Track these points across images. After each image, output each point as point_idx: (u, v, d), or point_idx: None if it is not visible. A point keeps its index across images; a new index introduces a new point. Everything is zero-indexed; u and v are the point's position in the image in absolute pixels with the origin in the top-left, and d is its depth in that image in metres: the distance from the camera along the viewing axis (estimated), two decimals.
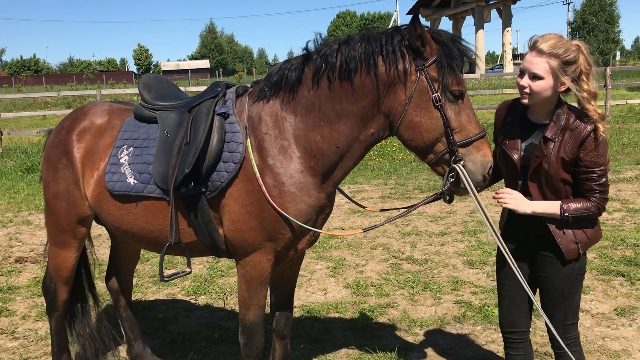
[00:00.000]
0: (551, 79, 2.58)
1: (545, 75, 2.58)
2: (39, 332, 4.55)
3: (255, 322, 2.98)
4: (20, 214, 8.68)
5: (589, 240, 2.75)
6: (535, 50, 2.60)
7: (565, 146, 2.63)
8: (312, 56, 2.75)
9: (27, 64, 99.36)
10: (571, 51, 2.56)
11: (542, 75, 2.58)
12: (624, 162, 10.77)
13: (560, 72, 2.56)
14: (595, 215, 2.71)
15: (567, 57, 2.55)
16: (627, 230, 6.61)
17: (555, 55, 2.55)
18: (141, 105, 3.20)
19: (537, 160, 2.68)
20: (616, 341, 4.05)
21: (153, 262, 6.17)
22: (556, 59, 2.55)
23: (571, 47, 2.57)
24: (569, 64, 2.56)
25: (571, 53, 2.56)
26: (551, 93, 2.62)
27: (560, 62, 2.55)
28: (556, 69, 2.56)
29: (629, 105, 18.64)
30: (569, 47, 2.56)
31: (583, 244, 2.72)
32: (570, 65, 2.56)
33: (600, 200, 2.68)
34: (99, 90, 16.03)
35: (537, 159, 2.68)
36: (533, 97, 2.65)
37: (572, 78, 2.58)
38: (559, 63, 2.55)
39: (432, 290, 5.09)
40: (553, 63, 2.56)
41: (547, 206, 2.68)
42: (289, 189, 2.73)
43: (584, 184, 2.67)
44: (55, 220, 3.39)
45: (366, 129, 2.70)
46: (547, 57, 2.56)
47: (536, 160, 2.69)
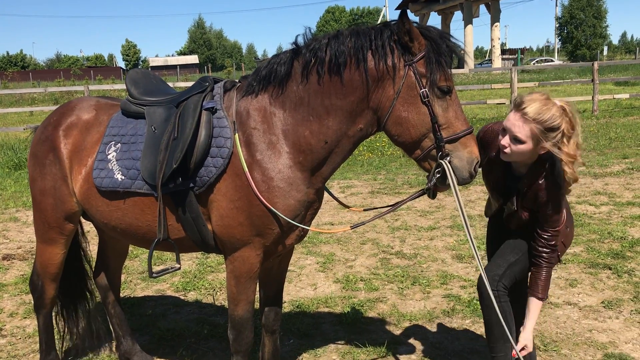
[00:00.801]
0: (532, 144, 2.65)
1: (527, 140, 2.64)
2: (26, 330, 4.52)
3: (245, 317, 2.98)
4: (7, 210, 8.61)
5: (565, 247, 3.03)
6: (519, 113, 2.64)
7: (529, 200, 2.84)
8: (301, 50, 2.74)
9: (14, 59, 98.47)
10: (555, 117, 2.59)
11: (524, 139, 2.64)
12: (611, 156, 10.86)
13: (542, 138, 2.61)
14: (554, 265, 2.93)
15: (551, 125, 2.59)
16: (614, 223, 6.67)
17: (539, 122, 2.59)
18: (128, 100, 3.17)
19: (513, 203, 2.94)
20: (603, 333, 4.09)
21: (142, 259, 6.15)
22: (539, 125, 2.60)
23: (555, 113, 2.60)
24: (552, 130, 2.60)
25: (556, 120, 2.59)
26: (533, 157, 2.73)
27: (543, 129, 2.59)
28: (538, 135, 2.61)
29: (616, 99, 18.82)
30: (553, 113, 2.59)
31: (561, 251, 2.98)
32: (554, 132, 2.60)
33: (549, 259, 2.86)
34: (87, 86, 15.91)
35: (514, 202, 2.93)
36: (511, 157, 2.75)
37: (553, 143, 2.62)
38: (542, 130, 2.60)
39: (421, 285, 5.12)
40: (535, 130, 2.61)
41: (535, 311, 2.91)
42: (278, 184, 2.72)
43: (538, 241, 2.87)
44: (42, 217, 3.36)
45: (355, 124, 2.70)
46: (531, 123, 2.61)
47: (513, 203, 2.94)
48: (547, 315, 4.40)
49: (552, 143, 2.61)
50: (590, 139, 12.79)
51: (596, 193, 8.15)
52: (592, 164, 10.18)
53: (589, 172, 9.57)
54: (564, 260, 5.53)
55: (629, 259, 5.49)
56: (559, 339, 4.04)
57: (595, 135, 13.23)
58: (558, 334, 4.10)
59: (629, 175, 9.23)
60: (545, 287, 2.88)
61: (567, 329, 4.17)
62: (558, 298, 4.71)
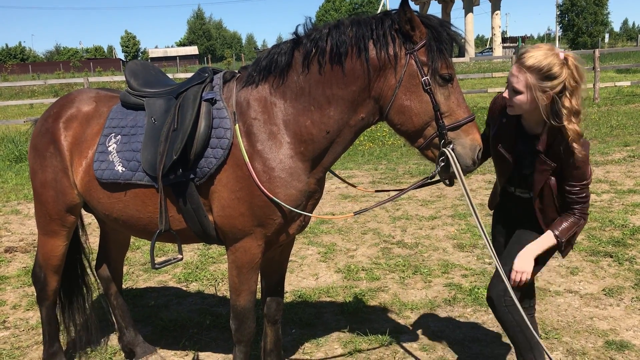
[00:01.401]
0: (529, 94, 2.59)
1: (524, 90, 2.59)
2: (29, 322, 4.54)
3: (247, 307, 2.99)
4: (9, 203, 8.63)
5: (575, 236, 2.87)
6: (518, 64, 2.61)
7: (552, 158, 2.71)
8: (302, 40, 2.73)
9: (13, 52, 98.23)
10: (553, 66, 2.52)
11: (521, 90, 2.60)
12: (612, 144, 10.84)
13: (537, 89, 2.55)
14: (582, 226, 2.80)
15: (548, 73, 2.52)
16: (615, 211, 6.67)
17: (535, 70, 2.54)
18: (128, 92, 3.17)
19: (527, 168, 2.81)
20: (604, 321, 4.10)
21: (143, 250, 6.16)
22: (535, 74, 2.54)
23: (555, 62, 2.52)
24: (549, 79, 2.53)
25: (553, 67, 2.51)
26: (532, 107, 2.63)
27: (539, 79, 2.54)
28: (534, 85, 2.55)
29: (617, 87, 18.73)
30: (551, 62, 2.52)
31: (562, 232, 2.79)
32: (550, 81, 2.53)
33: (582, 210, 2.76)
34: (86, 78, 15.87)
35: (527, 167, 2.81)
36: (514, 110, 2.71)
37: (552, 94, 2.54)
38: (538, 79, 2.54)
39: (423, 274, 5.13)
40: (531, 79, 2.55)
41: (544, 243, 2.78)
42: (279, 174, 2.72)
43: (567, 197, 2.76)
44: (43, 209, 3.37)
45: (356, 113, 2.69)
46: (527, 72, 2.56)
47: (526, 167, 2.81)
48: (548, 303, 4.41)
49: (550, 95, 2.54)
50: (592, 126, 12.76)
51: (597, 181, 8.15)
52: (593, 151, 10.16)
53: (590, 159, 9.53)
54: None
55: (630, 247, 5.49)
56: (560, 326, 4.05)
57: (597, 123, 13.20)
58: (559, 322, 4.12)
59: (630, 163, 9.22)
60: (566, 231, 2.75)
61: (568, 317, 4.19)
62: (559, 286, 4.72)
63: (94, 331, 3.95)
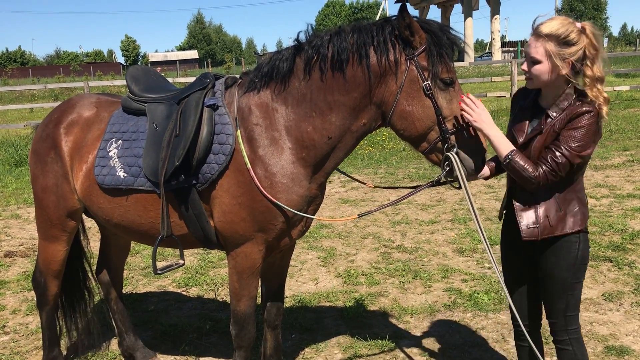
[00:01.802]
0: (548, 63, 2.51)
1: (543, 59, 2.51)
2: (29, 327, 4.54)
3: (247, 312, 3.00)
4: (8, 207, 8.63)
5: (551, 227, 2.64)
6: (535, 34, 2.54)
7: (559, 122, 2.56)
8: (303, 47, 2.74)
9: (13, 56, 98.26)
10: (570, 32, 2.46)
11: (540, 59, 2.52)
12: (611, 148, 10.85)
13: (556, 56, 2.47)
14: (530, 183, 2.55)
15: (566, 39, 2.46)
16: (615, 216, 6.68)
17: (553, 38, 2.47)
18: (129, 97, 3.18)
19: (533, 132, 2.63)
20: (604, 326, 4.11)
21: (144, 255, 6.17)
22: (553, 42, 2.47)
23: (572, 29, 2.47)
24: (568, 45, 2.46)
25: (571, 34, 2.46)
26: (552, 77, 2.53)
27: (557, 45, 2.47)
28: (553, 52, 2.47)
29: (616, 92, 18.75)
30: (569, 28, 2.47)
31: (542, 228, 2.65)
32: (569, 47, 2.47)
33: (544, 173, 2.52)
34: (87, 82, 15.86)
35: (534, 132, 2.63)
36: (534, 82, 2.61)
37: (571, 62, 2.48)
38: (556, 46, 2.47)
39: (423, 279, 5.13)
40: (549, 46, 2.48)
41: (502, 142, 2.59)
42: (281, 179, 2.73)
43: (544, 153, 2.56)
44: (44, 214, 3.38)
45: (358, 119, 2.71)
46: (545, 40, 2.49)
47: (533, 132, 2.64)
48: None
49: (569, 63, 2.47)
50: None
51: (597, 185, 8.16)
52: (592, 156, 10.16)
53: (589, 164, 9.54)
54: None
55: (630, 252, 5.50)
56: None
57: None
58: None
59: (630, 168, 9.23)
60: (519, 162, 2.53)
61: None
62: None
63: (96, 335, 3.95)
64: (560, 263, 2.68)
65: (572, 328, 2.73)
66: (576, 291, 2.72)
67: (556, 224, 2.65)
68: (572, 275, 2.69)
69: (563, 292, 2.71)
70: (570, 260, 2.67)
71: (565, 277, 2.69)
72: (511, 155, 2.55)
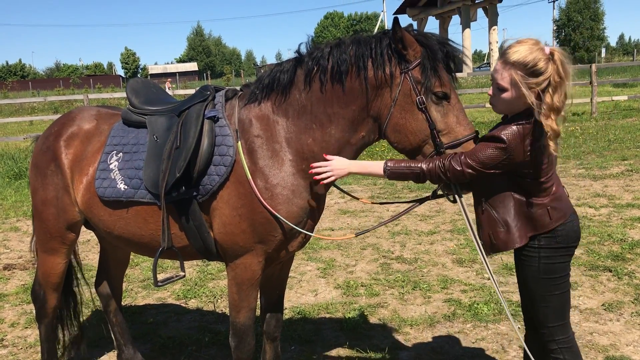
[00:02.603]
0: (514, 92, 2.46)
1: (508, 87, 2.47)
2: (28, 340, 4.53)
3: (246, 324, 2.99)
4: (8, 220, 8.62)
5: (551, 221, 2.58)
6: (502, 60, 2.49)
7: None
8: (304, 59, 2.76)
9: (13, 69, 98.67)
10: (538, 61, 2.39)
11: (506, 87, 2.48)
12: (610, 158, 10.87)
13: (523, 85, 2.40)
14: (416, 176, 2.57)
15: (533, 69, 2.40)
16: (614, 225, 6.68)
17: (520, 66, 2.42)
18: (129, 110, 3.20)
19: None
20: (604, 336, 4.10)
21: (143, 267, 6.16)
22: (521, 70, 2.42)
23: (540, 57, 2.40)
24: (535, 75, 2.40)
25: (539, 63, 2.39)
26: (519, 106, 2.49)
27: (524, 74, 2.41)
28: (520, 82, 2.41)
29: (614, 101, 18.84)
30: (537, 56, 2.40)
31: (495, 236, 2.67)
32: (536, 77, 2.40)
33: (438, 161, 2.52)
34: (86, 95, 15.93)
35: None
36: (497, 108, 2.61)
37: (536, 92, 2.41)
38: (523, 75, 2.41)
39: (422, 289, 5.12)
40: (516, 75, 2.42)
41: (370, 165, 2.66)
42: (281, 191, 2.74)
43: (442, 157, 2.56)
44: (44, 227, 3.38)
45: (357, 132, 2.72)
46: (511, 68, 2.44)
47: None
48: None
49: (535, 92, 2.39)
50: (589, 141, 12.82)
51: (595, 195, 8.16)
52: (591, 166, 10.20)
53: (588, 174, 9.58)
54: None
55: (629, 261, 5.50)
56: None
57: (594, 138, 13.24)
58: None
59: (629, 177, 9.24)
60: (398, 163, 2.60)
61: None
62: None
63: (83, 346, 3.93)
64: (528, 276, 2.69)
65: (560, 338, 2.70)
66: (552, 303, 2.67)
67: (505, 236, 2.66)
68: (540, 287, 2.67)
69: (536, 304, 2.71)
70: (534, 272, 2.66)
71: (534, 289, 2.69)
72: (386, 165, 2.61)
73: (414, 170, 2.58)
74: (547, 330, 2.71)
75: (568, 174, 9.68)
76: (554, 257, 2.64)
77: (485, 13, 41.51)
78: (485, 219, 2.71)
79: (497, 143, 2.47)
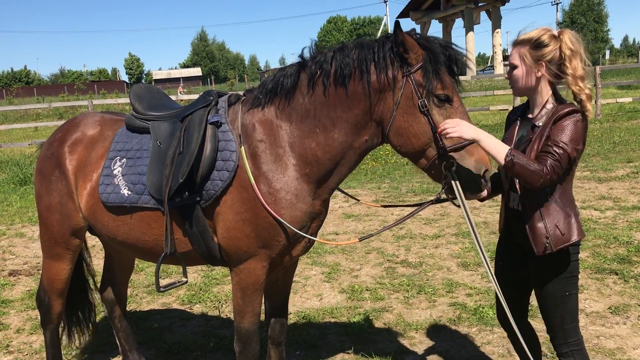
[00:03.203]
0: (524, 66, 2.66)
1: (518, 63, 2.68)
2: (33, 345, 4.53)
3: (251, 329, 2.99)
4: (13, 226, 8.64)
5: (562, 236, 2.63)
6: (513, 44, 2.74)
7: (545, 128, 2.61)
8: (307, 63, 2.77)
9: (18, 75, 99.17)
10: (542, 36, 2.62)
11: (516, 63, 2.69)
12: (615, 160, 10.83)
13: (529, 58, 2.63)
14: (537, 176, 2.50)
15: (538, 42, 2.62)
16: (620, 228, 6.65)
17: (526, 42, 2.65)
18: (133, 115, 3.21)
19: (523, 145, 2.68)
20: (611, 339, 4.07)
21: (147, 272, 6.16)
22: (527, 46, 2.65)
23: (544, 33, 2.63)
24: (540, 47, 2.61)
25: (542, 37, 2.61)
26: (531, 80, 2.67)
27: (530, 48, 2.63)
28: (525, 55, 2.64)
29: (619, 103, 18.78)
30: (541, 33, 2.63)
31: (555, 240, 2.63)
32: (541, 49, 2.61)
33: (550, 166, 2.50)
34: (91, 101, 15.94)
35: (524, 144, 2.68)
36: (515, 88, 2.76)
37: (545, 63, 2.61)
38: (529, 49, 2.64)
39: (427, 293, 5.11)
40: (523, 50, 2.66)
41: (495, 143, 2.55)
42: (284, 196, 2.74)
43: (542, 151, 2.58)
44: (48, 233, 3.39)
45: (360, 136, 2.72)
46: (519, 46, 2.68)
47: (523, 145, 2.69)
48: None
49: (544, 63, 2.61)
50: (594, 143, 12.78)
51: (601, 198, 8.13)
52: (596, 168, 10.16)
53: (593, 176, 9.55)
54: None
55: (636, 264, 5.47)
56: None
57: (599, 140, 13.21)
58: None
59: (634, 179, 9.20)
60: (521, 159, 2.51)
61: None
62: None
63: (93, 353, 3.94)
64: (549, 277, 2.71)
65: (572, 340, 2.75)
66: (569, 303, 2.73)
67: (567, 232, 2.64)
68: (562, 288, 2.71)
69: (555, 306, 2.73)
70: (557, 273, 2.69)
71: (554, 291, 2.72)
72: (512, 153, 2.52)
73: (534, 167, 2.50)
74: (561, 333, 2.74)
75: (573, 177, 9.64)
76: (574, 255, 2.70)
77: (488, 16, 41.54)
78: (552, 210, 2.66)
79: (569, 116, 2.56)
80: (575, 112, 2.57)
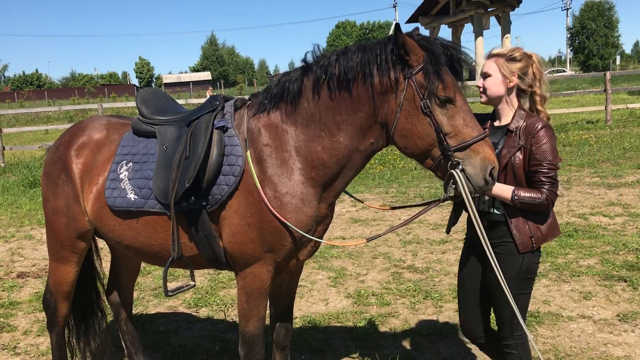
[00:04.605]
0: (499, 75, 2.90)
1: (493, 72, 2.92)
2: (40, 347, 4.55)
3: (256, 333, 2.99)
4: (22, 228, 8.70)
5: (543, 236, 2.87)
6: (487, 57, 3.01)
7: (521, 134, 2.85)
8: (311, 68, 2.77)
9: (30, 79, 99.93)
10: (514, 52, 2.91)
11: (490, 72, 2.92)
12: (625, 166, 10.76)
13: (504, 68, 2.88)
14: (544, 206, 2.81)
15: (511, 56, 2.89)
16: (629, 235, 6.60)
17: (501, 54, 2.92)
18: (139, 119, 3.22)
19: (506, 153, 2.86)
20: (619, 347, 4.04)
21: (154, 275, 6.18)
22: (502, 57, 2.91)
23: (516, 50, 2.93)
24: (514, 61, 2.89)
25: (515, 53, 2.91)
26: (501, 89, 2.91)
27: (504, 60, 2.89)
28: (501, 65, 2.89)
29: (629, 109, 18.65)
30: (515, 49, 2.94)
31: (537, 239, 2.86)
32: (515, 63, 2.89)
33: (549, 192, 2.79)
34: (101, 104, 16.05)
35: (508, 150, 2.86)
36: (486, 96, 2.97)
37: (517, 75, 2.88)
38: (504, 60, 2.90)
39: (434, 299, 5.08)
40: (499, 61, 2.91)
41: (502, 189, 2.80)
42: (290, 200, 2.74)
43: (534, 176, 2.81)
44: (54, 236, 3.40)
45: (365, 139, 2.72)
46: (494, 58, 2.94)
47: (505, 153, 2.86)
48: (561, 329, 4.35)
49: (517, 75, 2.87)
50: (604, 149, 12.70)
51: (610, 204, 8.07)
52: (606, 174, 10.09)
53: (602, 182, 9.48)
54: (578, 272, 5.47)
55: None
56: (573, 353, 3.99)
57: (609, 146, 13.12)
58: (572, 348, 4.05)
59: None
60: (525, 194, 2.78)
61: (582, 343, 4.12)
62: (572, 311, 4.66)
63: (108, 356, 3.94)
64: (516, 275, 2.89)
65: (518, 334, 2.96)
66: (522, 301, 2.92)
67: (547, 230, 2.88)
68: (516, 286, 2.87)
69: (507, 302, 2.80)
70: (525, 273, 2.91)
71: (513, 288, 2.83)
72: (517, 193, 2.78)
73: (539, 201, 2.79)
74: (509, 327, 2.96)
75: (582, 182, 9.59)
76: (536, 258, 2.93)
77: (498, 21, 41.40)
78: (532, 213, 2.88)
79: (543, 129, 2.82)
80: (545, 125, 2.83)
